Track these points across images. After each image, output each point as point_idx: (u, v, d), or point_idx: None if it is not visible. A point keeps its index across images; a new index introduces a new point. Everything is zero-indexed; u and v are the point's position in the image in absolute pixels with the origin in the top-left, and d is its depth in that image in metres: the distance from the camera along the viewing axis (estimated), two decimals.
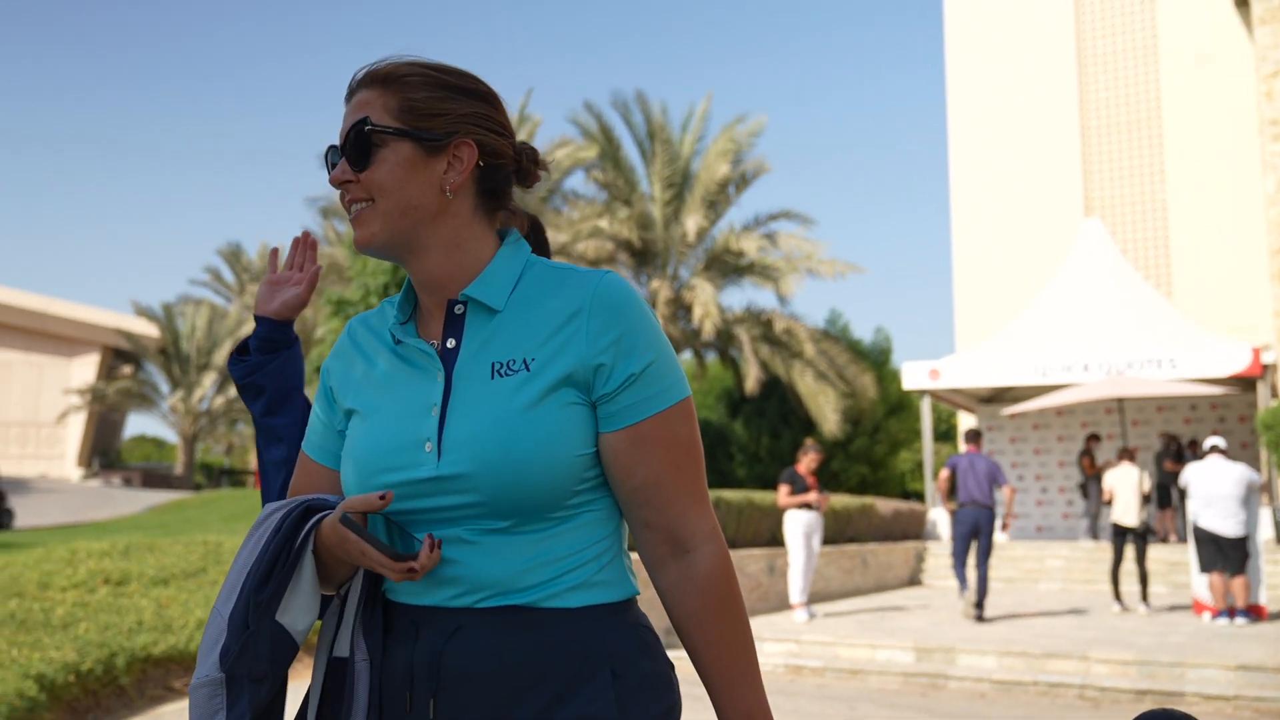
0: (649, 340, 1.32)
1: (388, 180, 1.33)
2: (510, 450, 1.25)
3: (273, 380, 1.88)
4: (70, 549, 10.18)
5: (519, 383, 1.29)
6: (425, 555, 1.25)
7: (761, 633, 9.51)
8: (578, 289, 1.33)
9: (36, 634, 6.97)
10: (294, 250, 1.97)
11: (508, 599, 1.28)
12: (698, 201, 22.60)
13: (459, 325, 1.36)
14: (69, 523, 22.79)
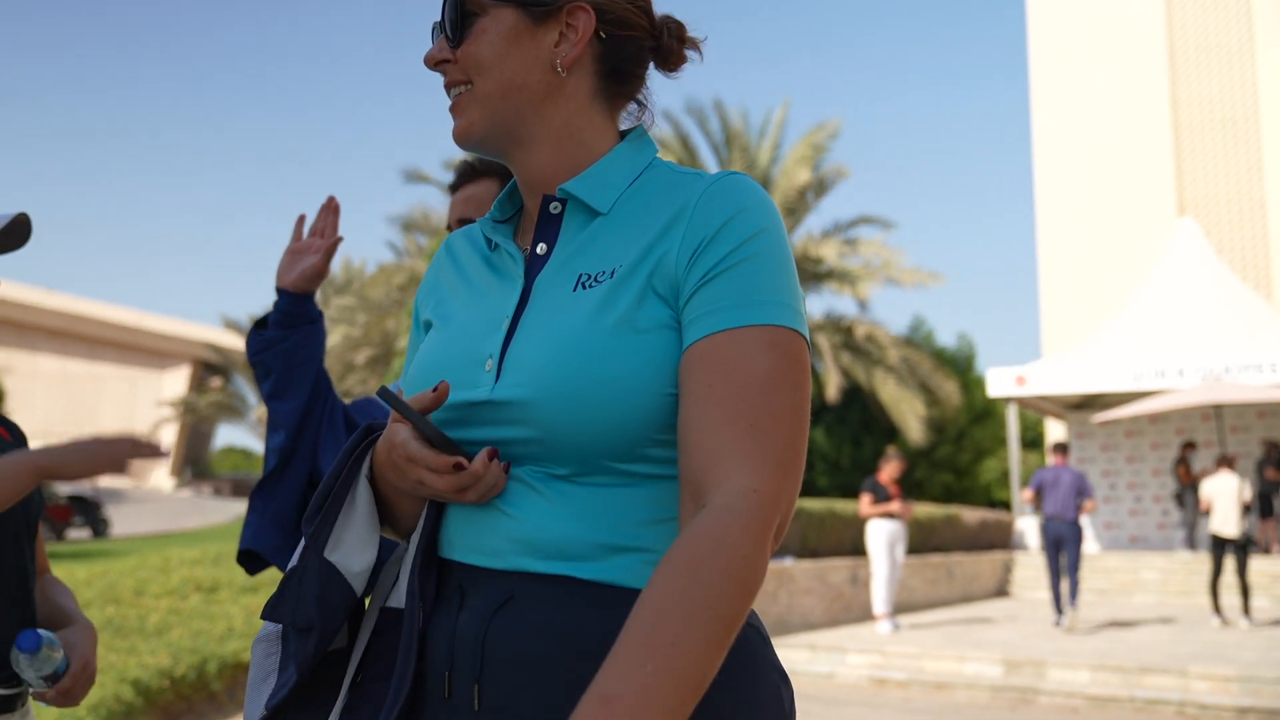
0: (766, 233, 1.04)
1: (487, 55, 1.12)
2: (575, 376, 1.01)
3: (282, 360, 1.78)
4: (164, 557, 10.45)
5: (602, 296, 1.05)
6: (482, 462, 1.03)
7: (845, 644, 9.36)
8: (693, 185, 1.08)
9: (132, 639, 7.15)
10: (319, 217, 1.88)
11: (570, 566, 1.03)
12: (777, 206, 22.48)
13: (554, 227, 1.14)
14: (162, 531, 23.43)
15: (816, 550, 11.77)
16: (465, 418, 1.07)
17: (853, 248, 22.71)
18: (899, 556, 10.69)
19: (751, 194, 1.06)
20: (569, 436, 1.01)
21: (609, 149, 1.15)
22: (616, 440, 1.01)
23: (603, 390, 1.00)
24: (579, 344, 1.02)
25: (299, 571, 1.13)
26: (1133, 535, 19.65)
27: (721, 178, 1.07)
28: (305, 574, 1.12)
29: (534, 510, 1.04)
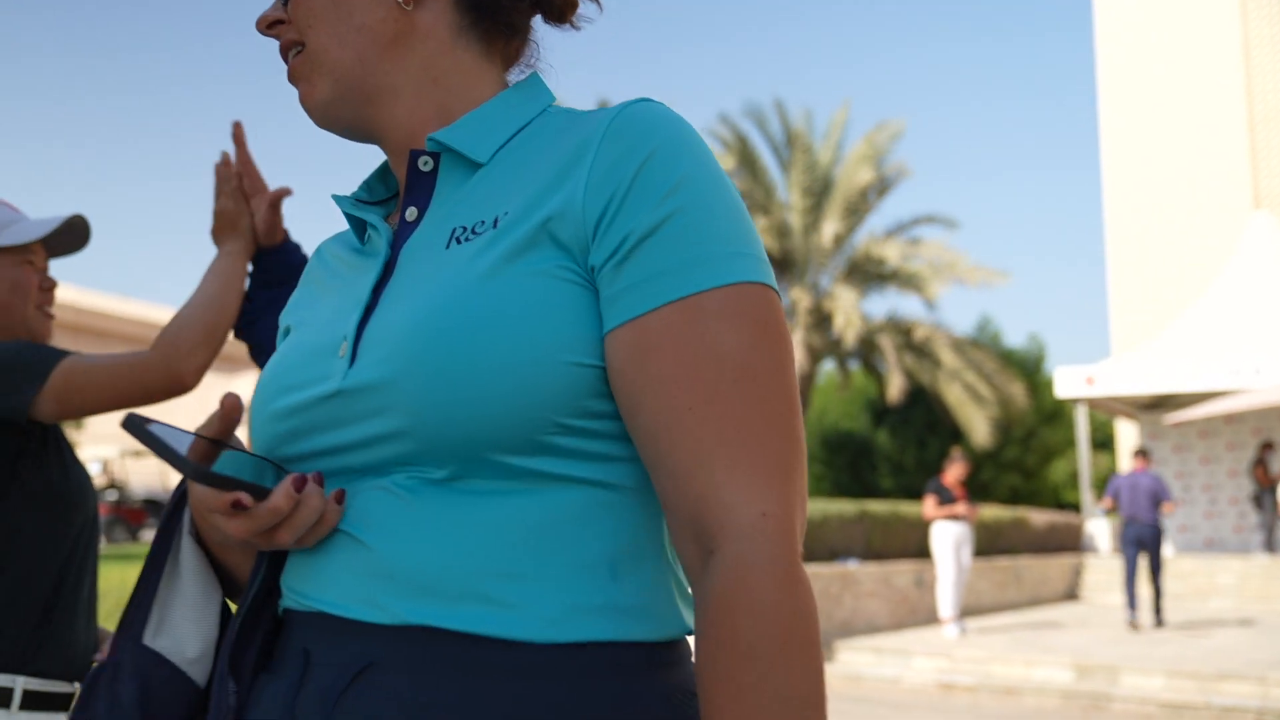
0: (689, 179, 0.80)
1: (317, 4, 0.92)
2: (444, 340, 0.78)
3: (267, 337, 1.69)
4: None
5: (481, 245, 0.82)
6: (284, 495, 0.79)
7: (911, 647, 9.27)
8: (597, 120, 0.85)
9: None
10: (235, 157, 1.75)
11: (452, 611, 0.77)
12: (837, 208, 22.33)
13: (426, 187, 0.91)
14: None
15: (881, 553, 11.67)
16: (316, 421, 0.83)
17: (915, 247, 22.49)
18: (965, 559, 10.56)
19: (663, 129, 0.82)
20: (442, 423, 0.77)
21: (490, 96, 0.94)
22: (506, 424, 0.77)
23: (480, 355, 0.77)
24: (448, 303, 0.80)
25: (107, 671, 0.88)
26: (1208, 538, 19.18)
27: (625, 109, 0.84)
28: (119, 673, 0.87)
29: (397, 532, 0.79)
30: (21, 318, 1.82)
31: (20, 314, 1.82)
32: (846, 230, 22.68)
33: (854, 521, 11.36)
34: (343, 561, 0.81)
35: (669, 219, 0.79)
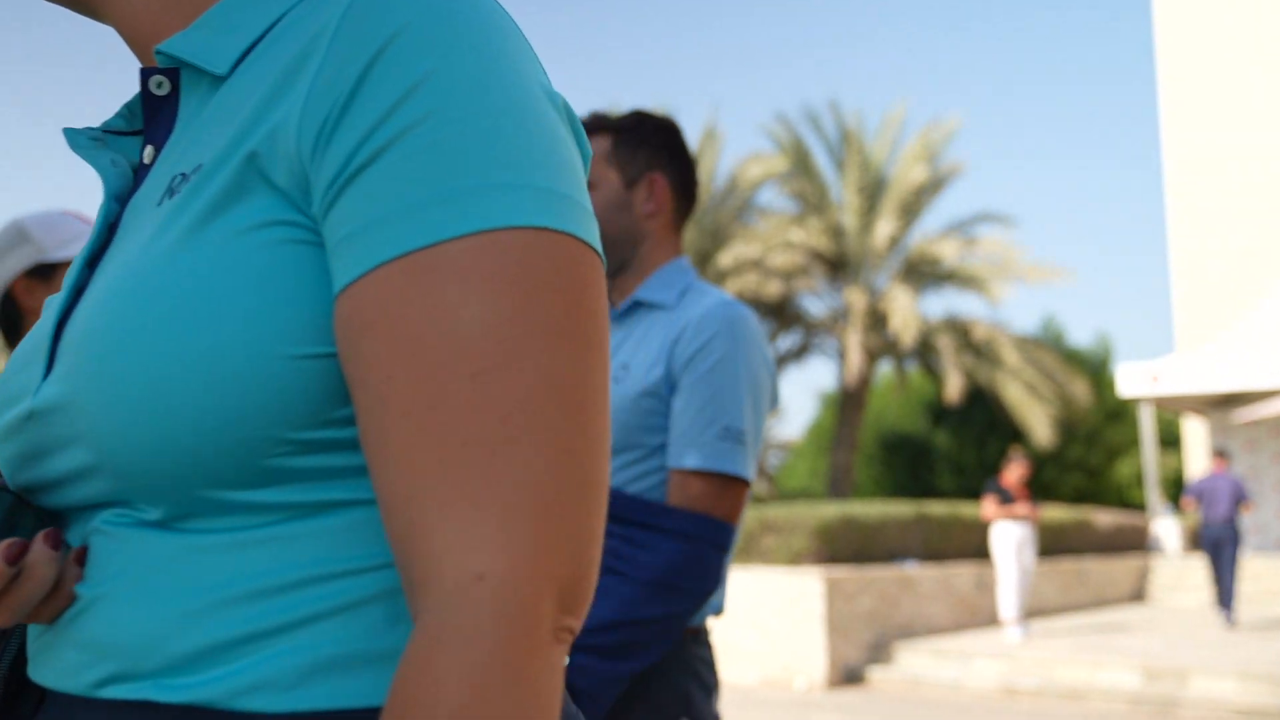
0: (437, 74, 0.56)
1: None
2: (127, 338, 0.57)
3: None
4: None
5: (181, 201, 0.61)
6: None
7: (972, 650, 9.16)
8: (334, 4, 0.60)
9: None
10: None
11: (169, 682, 0.58)
12: (892, 207, 22.14)
13: (165, 118, 0.69)
14: None
15: (940, 554, 11.54)
16: (24, 448, 0.64)
17: (972, 246, 22.22)
18: (1028, 561, 10.41)
19: (418, 2, 0.58)
20: (134, 454, 0.58)
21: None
22: (217, 451, 0.57)
23: (169, 359, 0.56)
24: (131, 288, 0.59)
25: None
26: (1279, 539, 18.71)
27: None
28: None
29: (108, 588, 0.61)
30: None
31: None
32: (902, 230, 22.48)
33: (912, 523, 11.25)
34: (62, 624, 0.63)
35: (400, 137, 0.55)
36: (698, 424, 1.62)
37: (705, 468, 1.60)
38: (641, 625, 1.53)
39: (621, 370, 1.71)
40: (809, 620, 9.18)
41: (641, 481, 1.66)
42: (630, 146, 1.81)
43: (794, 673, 9.19)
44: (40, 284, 1.86)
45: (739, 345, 1.67)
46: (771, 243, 21.57)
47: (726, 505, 1.62)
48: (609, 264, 1.80)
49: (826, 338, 23.36)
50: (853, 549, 10.34)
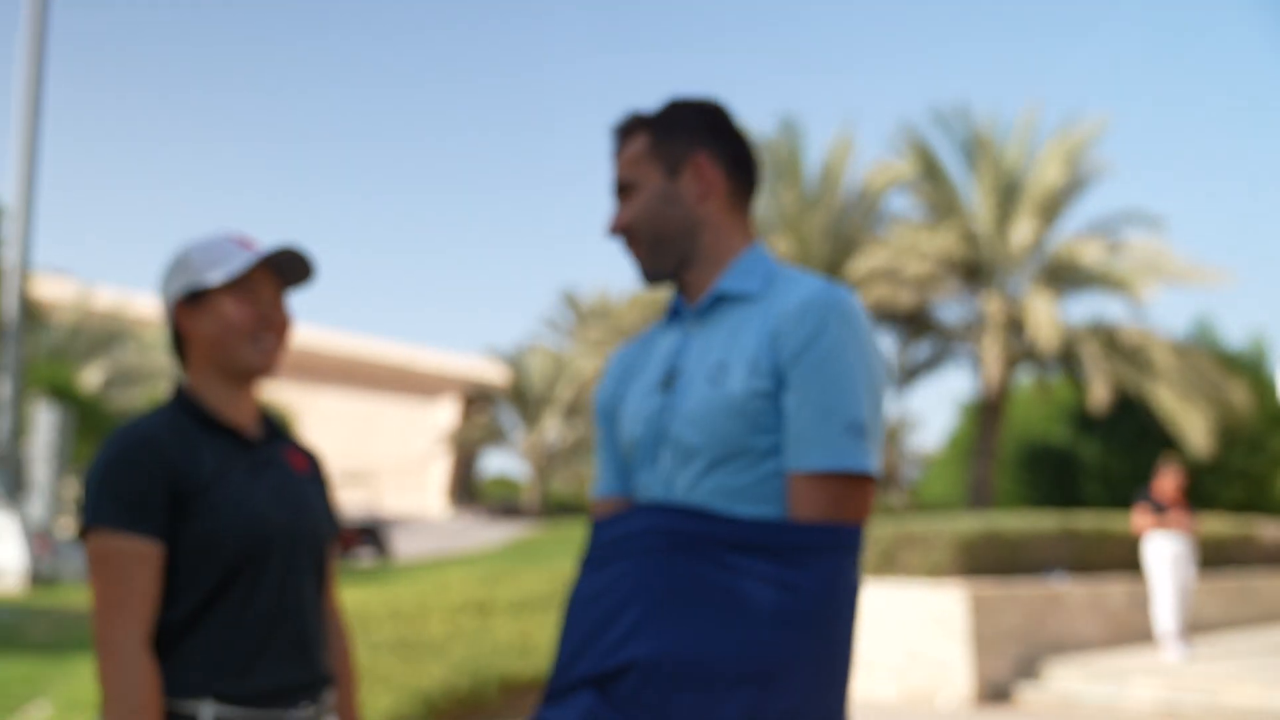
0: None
1: None
2: None
3: None
4: (441, 577, 11.11)
5: None
6: None
7: (1127, 669, 8.77)
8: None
9: (417, 655, 7.65)
10: None
11: None
12: (1028, 210, 21.49)
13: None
14: (438, 554, 24.90)
15: (1089, 568, 11.10)
16: None
17: (1117, 247, 21.39)
18: (1187, 576, 9.92)
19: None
20: None
21: None
22: None
23: None
24: None
25: None
26: None
27: None
28: None
29: None
30: (232, 353, 1.87)
31: (231, 349, 1.87)
32: (1040, 233, 21.80)
33: (1058, 536, 10.86)
34: None
35: None
36: (816, 420, 1.53)
37: (831, 468, 1.52)
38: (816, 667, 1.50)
39: (719, 370, 1.61)
40: (951, 636, 8.94)
41: (755, 491, 1.57)
42: (667, 135, 1.72)
43: (936, 689, 8.96)
44: (194, 309, 1.91)
45: (849, 331, 1.57)
46: (903, 251, 21.19)
47: (855, 505, 1.55)
48: (669, 262, 1.73)
49: (962, 346, 22.80)
50: (996, 563, 10.04)
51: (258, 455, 1.90)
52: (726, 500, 1.57)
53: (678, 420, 1.63)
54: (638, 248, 1.73)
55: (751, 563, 1.51)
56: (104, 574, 1.74)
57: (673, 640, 1.50)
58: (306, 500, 1.93)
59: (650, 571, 1.56)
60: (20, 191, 16.57)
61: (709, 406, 1.59)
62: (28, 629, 8.85)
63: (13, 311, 16.31)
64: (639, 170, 1.73)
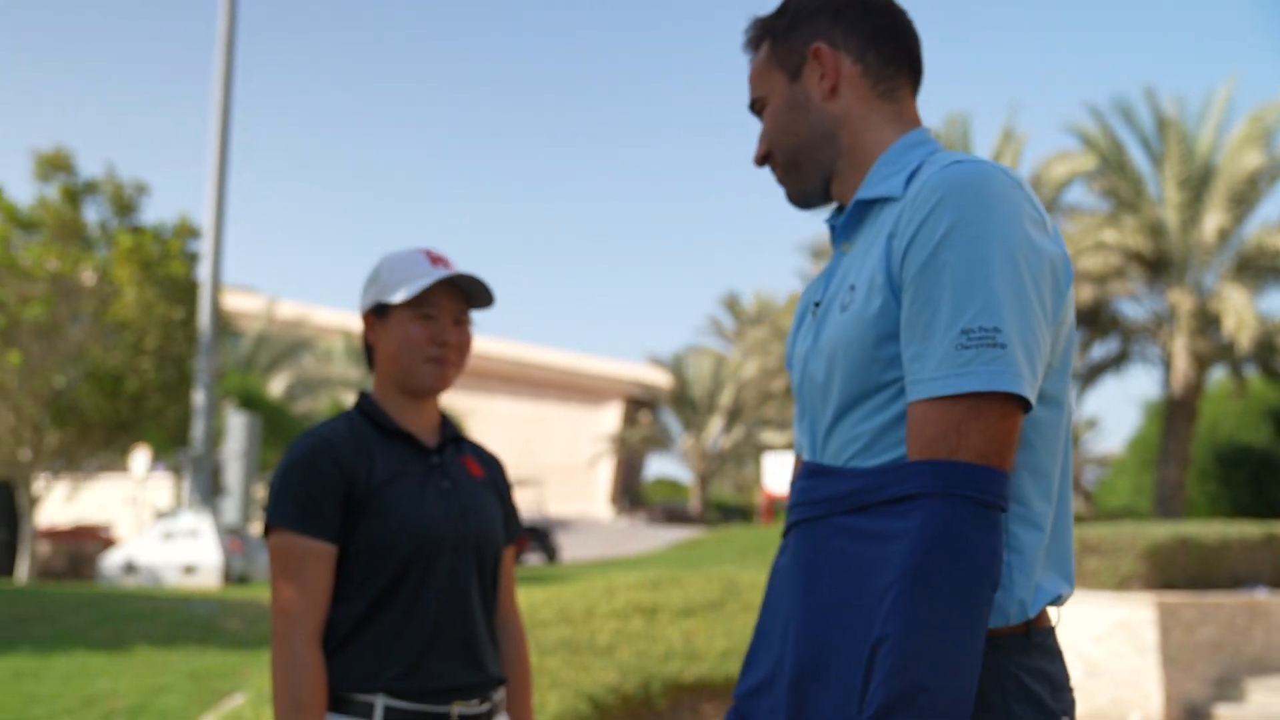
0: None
1: None
2: None
3: None
4: (607, 581, 11.19)
5: None
6: None
7: None
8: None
9: (584, 657, 7.70)
10: None
11: None
12: (1220, 199, 20.20)
13: None
14: (604, 557, 25.19)
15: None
16: None
17: None
18: None
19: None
20: None
21: None
22: None
23: None
24: None
25: None
26: None
27: None
28: None
29: None
30: (408, 370, 1.93)
31: (405, 365, 1.93)
32: (1233, 222, 20.48)
33: (1260, 545, 10.12)
34: None
35: None
36: (932, 334, 1.20)
37: (946, 390, 1.18)
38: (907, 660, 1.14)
39: (849, 293, 1.32)
40: (1141, 651, 8.44)
41: (888, 437, 1.27)
42: (784, 35, 1.47)
43: (1125, 707, 8.47)
44: (379, 323, 1.98)
45: (975, 210, 1.21)
46: (1082, 245, 20.25)
47: (977, 438, 1.18)
48: (812, 178, 1.45)
49: (1148, 344, 21.63)
50: (1189, 573, 9.44)
51: (432, 462, 1.95)
52: (864, 452, 1.29)
53: (813, 359, 1.37)
54: (778, 170, 1.48)
55: (868, 522, 1.24)
56: (281, 571, 1.84)
57: (809, 631, 1.29)
58: (478, 506, 1.97)
59: (795, 548, 1.36)
60: (213, 212, 17.63)
61: (839, 336, 1.31)
62: (223, 623, 9.36)
63: (207, 325, 17.35)
64: (764, 83, 1.49)
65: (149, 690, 6.56)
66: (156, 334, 18.67)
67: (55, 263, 18.31)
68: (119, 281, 18.62)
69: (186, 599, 11.17)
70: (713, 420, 42.52)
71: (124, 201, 19.54)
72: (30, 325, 17.88)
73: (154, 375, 18.83)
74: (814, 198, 1.47)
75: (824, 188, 1.46)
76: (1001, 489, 1.18)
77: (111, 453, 22.34)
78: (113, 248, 19.03)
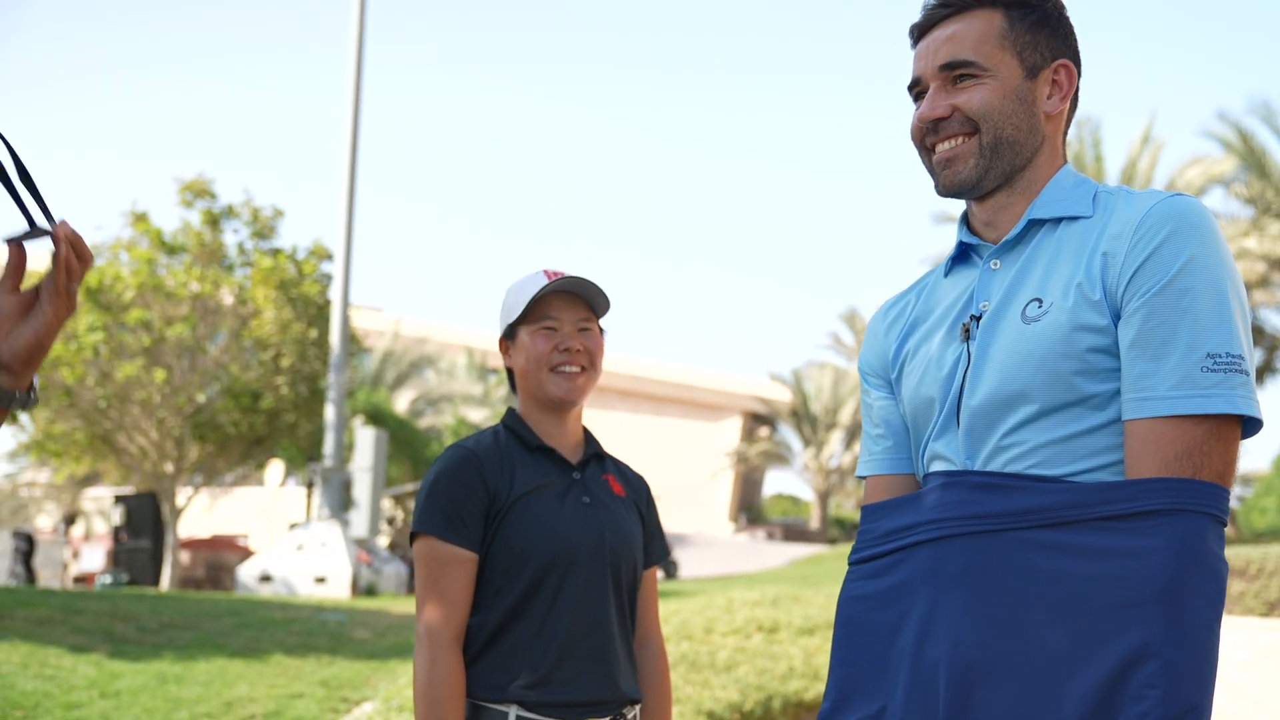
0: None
1: None
2: None
3: None
4: (727, 598, 11.13)
5: None
6: None
7: None
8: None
9: (705, 674, 7.68)
10: None
11: None
12: None
13: None
14: (723, 573, 25.09)
15: None
16: None
17: None
18: None
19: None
20: None
21: None
22: None
23: None
24: None
25: None
26: None
27: None
28: None
29: None
30: (537, 384, 1.99)
31: (535, 379, 1.98)
32: None
33: None
34: None
35: None
36: (1165, 352, 1.24)
37: (1190, 410, 1.22)
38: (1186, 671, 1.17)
39: (1035, 307, 1.34)
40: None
41: (1083, 448, 1.30)
42: (1030, 26, 1.44)
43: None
44: (510, 344, 2.04)
45: (1210, 243, 1.28)
46: None
47: (1217, 459, 1.22)
48: (999, 172, 1.44)
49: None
50: None
51: (573, 477, 2.01)
52: (1046, 463, 1.30)
53: (987, 369, 1.37)
54: (969, 143, 1.43)
55: (1074, 537, 1.24)
56: (425, 576, 1.91)
57: (981, 637, 1.25)
58: (617, 523, 2.00)
59: (945, 560, 1.30)
60: (344, 235, 18.25)
61: (1025, 347, 1.33)
62: (353, 633, 9.63)
63: (338, 343, 17.94)
64: (989, 53, 1.44)
65: (284, 696, 6.80)
66: (292, 352, 19.39)
67: (197, 284, 19.19)
68: (257, 302, 19.41)
69: (318, 608, 11.54)
70: (833, 436, 42.00)
71: (261, 226, 20.37)
72: (174, 344, 18.77)
73: (288, 392, 19.54)
74: (974, 189, 1.46)
75: (991, 187, 1.46)
76: (1228, 508, 1.26)
77: (248, 466, 23.24)
78: (251, 270, 19.86)
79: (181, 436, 19.52)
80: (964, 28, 1.44)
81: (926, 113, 1.45)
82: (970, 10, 1.45)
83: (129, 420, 19.17)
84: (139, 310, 18.41)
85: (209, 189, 20.06)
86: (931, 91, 1.45)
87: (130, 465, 20.09)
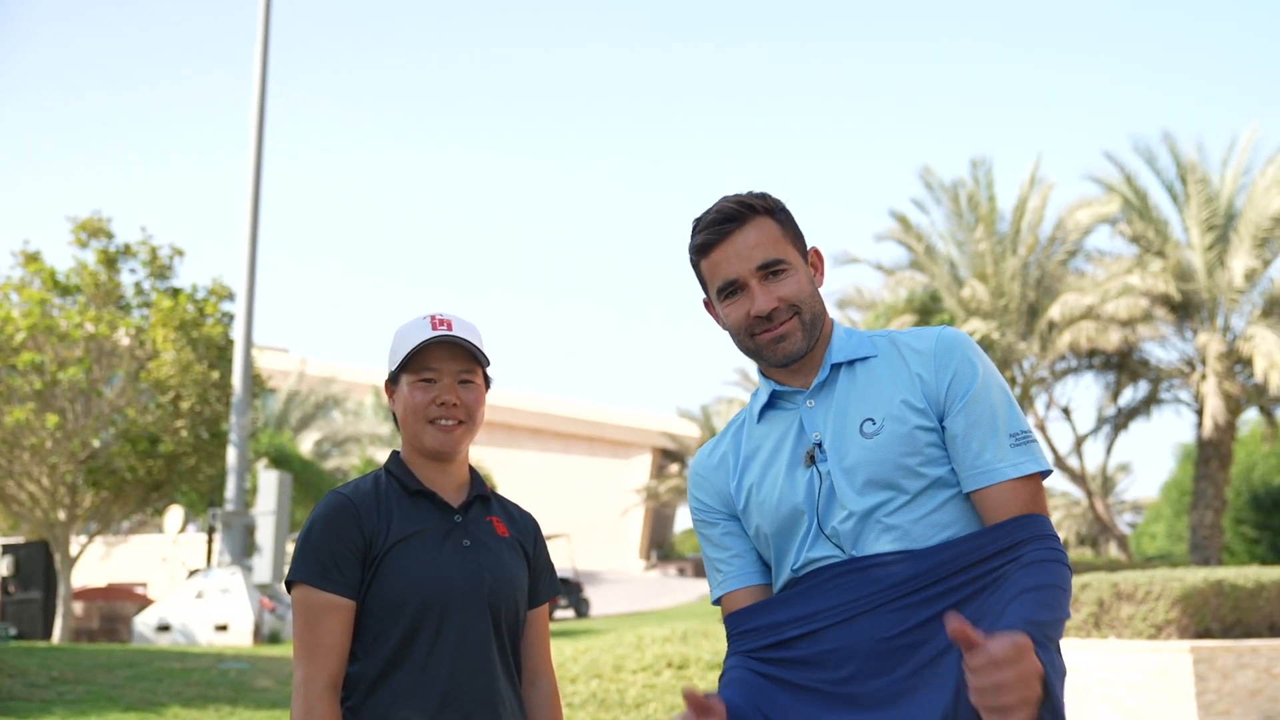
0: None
1: None
2: None
3: None
4: (638, 635, 11.16)
5: None
6: None
7: None
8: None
9: (614, 712, 7.70)
10: None
11: None
12: (1246, 242, 20.14)
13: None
14: (635, 610, 25.05)
15: None
16: None
17: None
18: None
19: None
20: None
21: None
22: None
23: None
24: None
25: None
26: None
27: None
28: None
29: None
30: (414, 433, 1.99)
31: (412, 430, 1.99)
32: (1261, 264, 20.39)
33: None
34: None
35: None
36: (991, 439, 1.70)
37: (1020, 473, 1.69)
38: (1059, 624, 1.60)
39: (870, 425, 1.73)
40: (1177, 699, 8.33)
41: (943, 516, 1.70)
42: (791, 226, 1.82)
43: None
44: (394, 389, 2.06)
45: (984, 357, 1.78)
46: (1108, 290, 20.21)
47: (1043, 500, 1.72)
48: (812, 341, 1.79)
49: (1178, 387, 21.47)
50: (1226, 620, 9.31)
51: (454, 520, 1.99)
52: (923, 538, 1.68)
53: (845, 480, 1.71)
54: (796, 324, 1.77)
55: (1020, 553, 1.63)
56: (301, 625, 1.91)
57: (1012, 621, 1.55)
58: (498, 565, 1.99)
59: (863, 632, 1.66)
60: (245, 273, 17.94)
61: (879, 455, 1.70)
62: (255, 682, 9.41)
63: (239, 384, 17.59)
64: (785, 250, 1.79)
65: None
66: (192, 394, 18.94)
67: (92, 325, 18.65)
68: (156, 343, 18.94)
69: (219, 657, 11.24)
70: None
71: (159, 265, 19.93)
72: (67, 387, 18.19)
73: (189, 435, 19.06)
74: (800, 356, 1.79)
75: (808, 351, 1.80)
76: None
77: (145, 512, 22.54)
78: (150, 310, 19.38)
79: (75, 483, 18.88)
80: (757, 234, 1.78)
81: (763, 308, 1.75)
82: (749, 220, 1.78)
83: (19, 467, 18.49)
84: (30, 353, 17.81)
85: (105, 228, 19.58)
86: (755, 289, 1.76)
87: (20, 514, 19.35)
